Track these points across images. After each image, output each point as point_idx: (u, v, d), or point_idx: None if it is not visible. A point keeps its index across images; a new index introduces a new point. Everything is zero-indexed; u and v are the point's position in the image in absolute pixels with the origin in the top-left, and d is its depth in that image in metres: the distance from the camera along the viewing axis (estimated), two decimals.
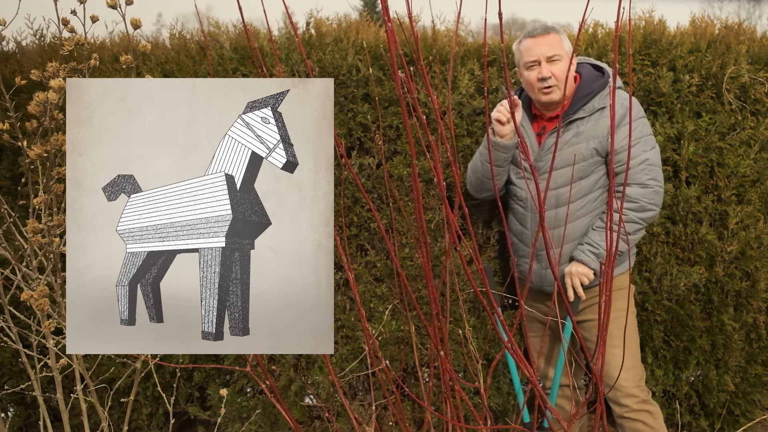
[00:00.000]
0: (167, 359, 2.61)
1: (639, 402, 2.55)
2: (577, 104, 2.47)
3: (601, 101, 2.45)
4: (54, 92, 1.37)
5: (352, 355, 2.92)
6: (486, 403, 1.74)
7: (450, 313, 2.82)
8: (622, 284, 2.49)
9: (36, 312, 1.65)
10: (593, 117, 2.45)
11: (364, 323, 1.54)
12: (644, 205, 2.43)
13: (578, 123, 2.46)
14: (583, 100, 2.47)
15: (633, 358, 2.59)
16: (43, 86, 1.50)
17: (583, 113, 2.46)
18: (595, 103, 2.45)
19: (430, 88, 1.22)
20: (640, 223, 2.46)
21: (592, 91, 2.47)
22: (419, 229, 1.53)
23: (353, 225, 2.87)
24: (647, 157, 2.43)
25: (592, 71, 2.53)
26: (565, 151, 2.45)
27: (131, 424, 3.07)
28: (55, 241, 1.55)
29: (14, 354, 2.80)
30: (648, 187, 2.43)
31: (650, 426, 2.55)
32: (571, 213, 2.46)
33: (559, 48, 2.43)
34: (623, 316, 2.34)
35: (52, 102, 1.38)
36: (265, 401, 3.01)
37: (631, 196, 2.42)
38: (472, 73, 2.82)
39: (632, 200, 2.43)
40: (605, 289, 1.45)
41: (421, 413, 2.94)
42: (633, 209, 2.43)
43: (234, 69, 2.81)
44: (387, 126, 2.80)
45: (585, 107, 2.46)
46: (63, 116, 1.60)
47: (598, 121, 2.45)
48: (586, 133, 2.45)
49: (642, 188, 2.42)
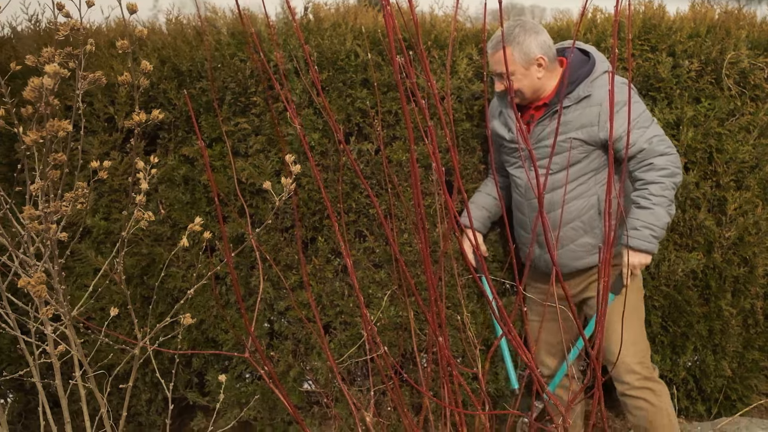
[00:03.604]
0: (166, 346, 2.62)
1: (641, 379, 2.53)
2: (562, 93, 2.46)
3: (585, 89, 2.43)
4: (49, 78, 1.36)
5: (350, 340, 2.92)
6: (484, 388, 1.74)
7: (448, 299, 2.83)
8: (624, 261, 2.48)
9: (34, 298, 1.65)
10: (579, 105, 2.44)
11: (363, 309, 1.54)
12: (673, 170, 2.40)
13: (564, 111, 2.45)
14: (568, 89, 2.45)
15: (635, 334, 2.56)
16: (38, 72, 1.49)
17: (567, 101, 2.44)
18: (579, 92, 2.43)
19: (429, 72, 1.21)
20: (673, 188, 2.43)
21: (577, 78, 2.45)
22: (418, 215, 1.53)
23: (352, 211, 2.87)
24: (654, 132, 2.42)
25: (579, 56, 2.52)
26: (552, 139, 2.40)
27: (130, 409, 3.08)
28: (52, 228, 1.54)
29: (13, 340, 2.81)
30: (669, 154, 2.41)
31: (652, 404, 2.53)
32: (562, 196, 2.47)
33: (511, 64, 2.44)
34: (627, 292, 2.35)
35: (47, 88, 1.37)
36: (263, 387, 3.02)
37: (659, 164, 2.40)
38: (470, 58, 2.81)
39: (662, 168, 2.40)
40: (603, 274, 1.45)
41: (420, 398, 2.95)
42: (666, 176, 2.40)
43: (231, 54, 2.79)
44: (386, 111, 2.79)
45: (570, 95, 2.44)
46: (59, 102, 1.59)
47: (584, 109, 2.43)
48: (573, 122, 2.44)
49: (664, 156, 2.40)
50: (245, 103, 2.82)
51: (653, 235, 2.40)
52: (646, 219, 2.40)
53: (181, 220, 2.92)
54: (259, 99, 2.79)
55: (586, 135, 2.43)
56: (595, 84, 2.44)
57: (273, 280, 2.94)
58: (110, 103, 2.87)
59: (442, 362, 1.78)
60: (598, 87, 2.44)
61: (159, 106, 2.85)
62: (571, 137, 2.43)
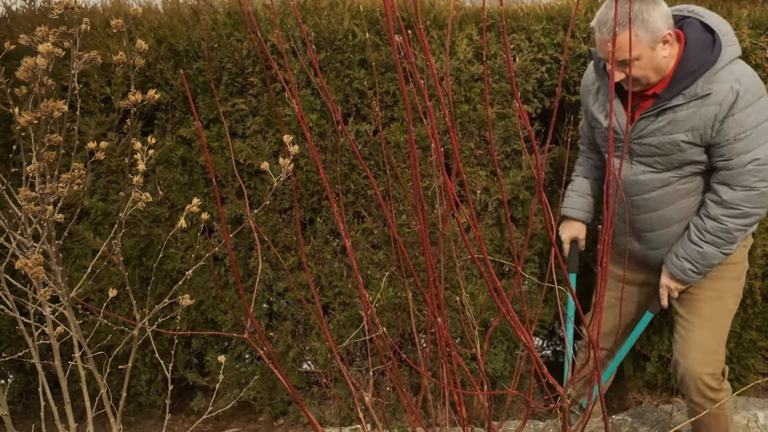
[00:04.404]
0: (165, 326, 2.62)
1: (708, 391, 2.31)
2: (676, 87, 2.06)
3: (705, 86, 2.01)
4: (42, 57, 1.35)
5: (349, 321, 2.93)
6: (483, 368, 1.75)
7: (447, 280, 2.83)
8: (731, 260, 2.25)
9: (32, 280, 1.65)
10: (693, 104, 2.04)
11: (362, 290, 1.53)
12: (747, 211, 2.08)
13: (675, 109, 2.07)
14: (684, 82, 2.04)
15: (717, 343, 2.33)
16: (33, 52, 1.47)
17: (682, 99, 2.05)
18: (698, 88, 2.02)
19: (429, 53, 1.20)
20: (741, 229, 2.11)
21: (697, 69, 2.02)
22: (416, 196, 1.52)
23: (350, 192, 2.86)
24: (758, 156, 2.02)
25: (701, 33, 2.07)
26: (658, 138, 2.13)
27: (130, 390, 3.10)
28: (48, 209, 1.53)
29: (12, 322, 2.81)
30: (753, 191, 2.06)
31: (712, 413, 2.32)
32: (670, 195, 2.21)
33: (636, 48, 2.00)
34: (722, 297, 2.22)
35: (41, 67, 1.36)
36: (263, 367, 3.04)
37: (731, 202, 2.08)
38: (470, 38, 2.78)
39: (732, 206, 2.08)
40: (603, 255, 1.44)
41: (418, 379, 2.96)
42: (732, 216, 2.10)
43: (228, 34, 2.77)
44: (384, 92, 2.77)
45: (686, 91, 2.04)
46: (54, 82, 1.57)
47: (699, 108, 2.03)
48: (683, 123, 2.07)
49: (745, 192, 2.06)
50: (242, 83, 2.80)
51: (693, 270, 2.20)
52: (690, 254, 2.19)
53: (179, 202, 2.91)
54: (257, 79, 2.77)
55: (698, 138, 2.07)
56: (718, 78, 2.01)
57: (271, 261, 2.94)
58: (107, 84, 2.85)
59: (440, 343, 1.78)
60: (720, 82, 2.01)
61: (156, 87, 2.83)
62: (679, 140, 2.09)
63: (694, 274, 2.21)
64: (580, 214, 2.57)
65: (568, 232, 2.61)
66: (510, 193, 2.85)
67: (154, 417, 3.27)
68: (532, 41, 2.81)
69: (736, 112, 1.99)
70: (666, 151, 2.13)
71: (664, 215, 2.26)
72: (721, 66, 2.01)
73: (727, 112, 2.00)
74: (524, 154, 2.82)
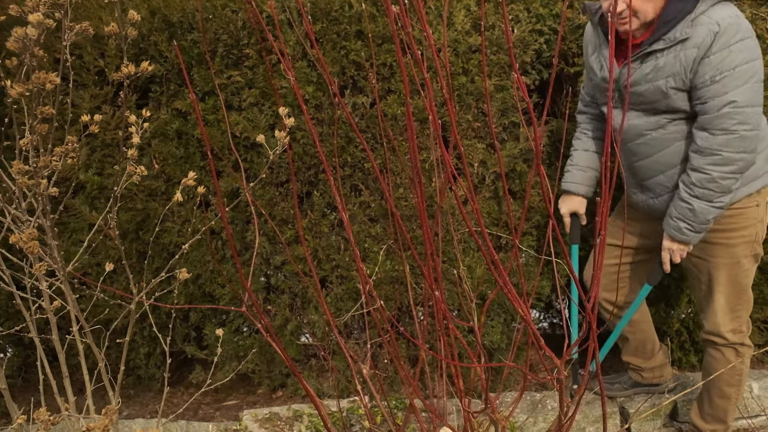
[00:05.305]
0: (162, 300, 2.62)
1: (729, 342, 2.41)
2: (658, 32, 2.11)
3: (683, 30, 2.06)
4: (33, 28, 1.32)
5: (347, 294, 2.94)
6: (480, 341, 1.75)
7: (444, 253, 2.83)
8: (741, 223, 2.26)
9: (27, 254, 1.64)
10: (674, 48, 2.09)
11: (359, 263, 1.53)
12: (728, 156, 2.06)
13: (657, 55, 2.12)
14: (665, 27, 2.08)
15: (734, 301, 2.38)
16: (24, 23, 1.45)
17: (663, 44, 2.09)
18: (677, 33, 2.07)
19: (426, 24, 1.18)
20: (728, 177, 2.09)
21: (675, 17, 2.07)
22: (414, 169, 1.51)
23: (347, 165, 2.84)
24: (734, 98, 2.02)
25: None
26: (644, 86, 2.18)
27: (129, 363, 3.11)
28: (42, 183, 1.52)
29: (9, 296, 2.81)
30: (732, 134, 2.04)
31: (728, 359, 2.42)
32: (664, 138, 2.23)
33: None
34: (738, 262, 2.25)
35: (31, 38, 1.33)
36: (261, 340, 3.05)
37: (711, 148, 2.07)
38: (468, 9, 2.75)
39: (713, 152, 2.07)
40: (601, 228, 1.44)
41: (416, 351, 2.98)
42: (714, 163, 2.08)
43: (223, 5, 2.73)
44: (381, 64, 2.74)
45: (666, 36, 2.09)
46: (46, 54, 1.55)
47: (679, 53, 2.08)
48: (665, 69, 2.11)
49: (725, 135, 2.05)
50: (238, 55, 2.77)
51: (689, 229, 2.20)
52: (683, 213, 2.20)
53: (175, 175, 2.89)
54: (252, 51, 2.73)
55: (680, 83, 2.10)
56: (697, 22, 2.06)
57: (269, 234, 2.94)
58: (100, 56, 2.81)
59: (438, 316, 1.78)
60: (699, 25, 2.05)
61: (150, 59, 2.79)
62: (664, 86, 2.13)
63: (690, 233, 2.22)
64: (581, 188, 2.58)
65: (567, 206, 2.63)
66: (507, 165, 2.84)
67: (153, 390, 3.30)
68: (530, 12, 2.78)
69: (711, 54, 2.00)
70: (654, 98, 2.17)
71: (660, 159, 2.27)
72: (702, 10, 2.05)
73: (704, 54, 2.03)
74: (522, 126, 2.80)
